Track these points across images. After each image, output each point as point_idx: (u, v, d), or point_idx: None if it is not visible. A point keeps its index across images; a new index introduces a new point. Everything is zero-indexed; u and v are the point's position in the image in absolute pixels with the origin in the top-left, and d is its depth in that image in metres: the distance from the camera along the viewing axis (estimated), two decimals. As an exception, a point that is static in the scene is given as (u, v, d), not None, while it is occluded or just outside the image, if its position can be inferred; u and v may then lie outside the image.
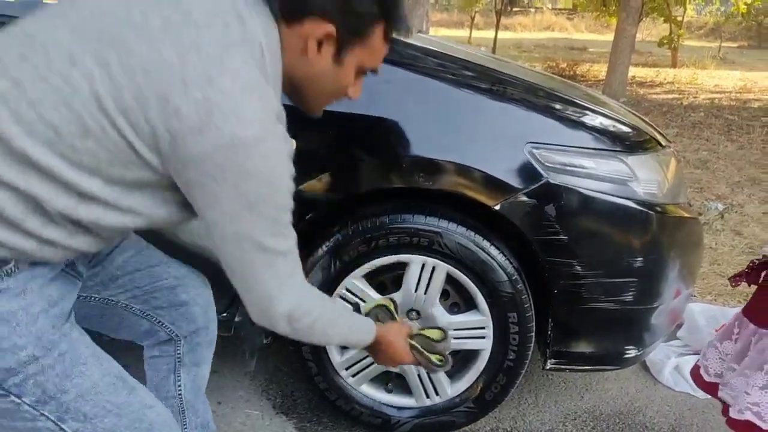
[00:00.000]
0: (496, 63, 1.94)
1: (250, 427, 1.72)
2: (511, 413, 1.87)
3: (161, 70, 0.77)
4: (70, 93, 0.78)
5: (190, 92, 0.77)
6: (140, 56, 0.78)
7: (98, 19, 0.81)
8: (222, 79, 0.78)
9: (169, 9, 0.81)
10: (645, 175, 1.51)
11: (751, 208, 4.03)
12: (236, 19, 0.84)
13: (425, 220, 1.48)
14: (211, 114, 0.77)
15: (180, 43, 0.79)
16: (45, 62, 0.79)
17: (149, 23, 0.80)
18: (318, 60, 0.92)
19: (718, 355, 1.21)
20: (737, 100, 8.69)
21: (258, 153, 0.80)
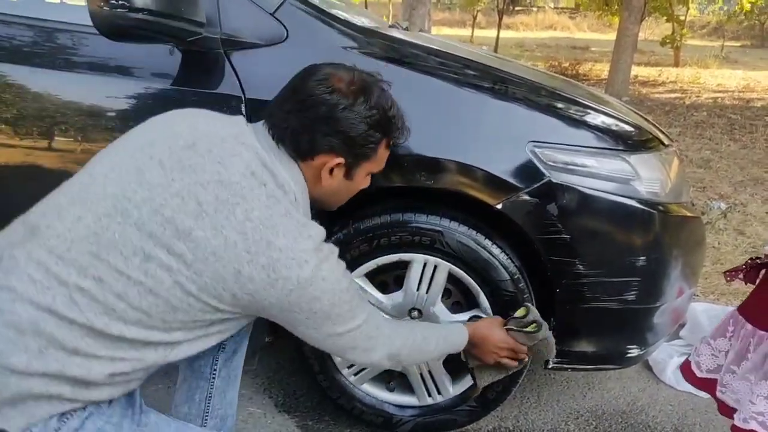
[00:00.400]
0: (498, 62, 1.93)
1: (252, 425, 1.72)
2: (514, 412, 1.87)
3: (229, 251, 0.92)
4: (153, 284, 0.91)
5: (256, 260, 0.92)
6: (207, 243, 0.92)
7: (157, 212, 0.93)
8: (277, 240, 0.93)
9: (214, 185, 0.94)
10: (647, 174, 1.51)
11: (754, 208, 4.02)
12: (269, 175, 0.99)
13: (427, 219, 1.48)
14: (277, 270, 0.93)
15: (235, 220, 0.93)
16: (121, 260, 0.91)
17: (203, 207, 0.93)
18: (331, 182, 1.11)
19: (710, 351, 1.20)
20: (740, 99, 8.66)
21: (320, 279, 0.96)
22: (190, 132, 1.01)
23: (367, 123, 1.06)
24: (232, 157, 0.98)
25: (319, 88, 1.04)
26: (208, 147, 0.98)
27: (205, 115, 1.10)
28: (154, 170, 0.96)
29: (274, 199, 0.97)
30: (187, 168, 0.96)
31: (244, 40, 1.42)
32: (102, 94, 1.47)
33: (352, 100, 1.05)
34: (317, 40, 1.47)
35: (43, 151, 1.48)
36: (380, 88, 1.10)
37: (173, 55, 1.43)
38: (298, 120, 1.04)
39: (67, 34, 1.48)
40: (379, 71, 1.16)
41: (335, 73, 1.07)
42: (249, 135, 1.03)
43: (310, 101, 1.03)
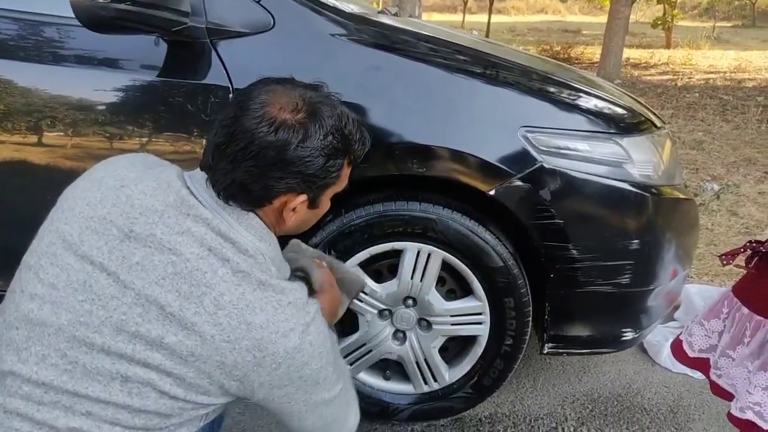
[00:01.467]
0: (489, 47, 1.92)
1: (248, 417, 1.72)
2: (510, 398, 1.88)
3: (207, 347, 0.84)
4: (140, 402, 0.85)
5: (239, 345, 0.84)
6: (181, 346, 0.84)
7: (120, 331, 0.84)
8: (256, 318, 0.85)
9: (170, 279, 0.84)
10: (640, 157, 1.50)
11: (747, 188, 4.03)
12: (229, 245, 0.88)
13: (419, 207, 1.47)
14: (262, 349, 0.85)
15: (206, 313, 0.84)
16: (101, 389, 0.84)
17: (167, 310, 0.84)
18: (295, 218, 0.98)
19: (703, 332, 1.20)
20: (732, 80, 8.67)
21: (308, 343, 0.89)
22: (120, 213, 0.88)
23: (324, 154, 0.92)
24: (179, 236, 0.86)
25: (261, 128, 0.87)
26: (149, 231, 0.86)
27: (127, 175, 0.93)
28: (100, 280, 0.85)
29: (242, 274, 0.86)
30: (135, 267, 0.85)
31: (231, 28, 1.40)
32: (88, 87, 1.45)
33: (302, 133, 0.89)
34: (305, 28, 1.45)
35: (31, 146, 1.46)
36: (330, 105, 0.94)
37: (158, 45, 1.41)
38: (245, 171, 0.88)
39: (51, 27, 1.46)
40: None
41: (273, 100, 0.90)
42: (188, 199, 0.89)
43: (253, 147, 0.87)
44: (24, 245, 0.97)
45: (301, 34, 1.44)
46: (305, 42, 1.44)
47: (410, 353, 1.62)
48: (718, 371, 1.15)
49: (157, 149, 1.44)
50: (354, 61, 1.45)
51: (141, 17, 1.21)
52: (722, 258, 1.17)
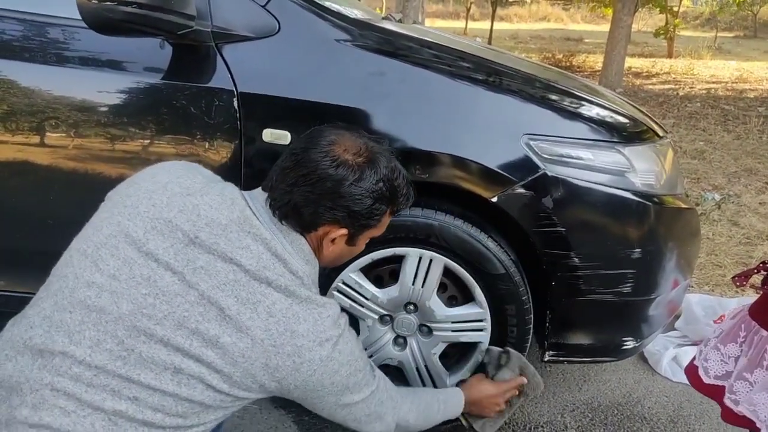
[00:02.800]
0: (492, 54, 1.92)
1: (248, 421, 1.72)
2: (509, 405, 1.87)
3: (256, 349, 0.93)
4: (187, 392, 0.92)
5: (282, 350, 0.95)
6: (234, 347, 0.92)
7: (182, 326, 0.92)
8: (299, 327, 0.96)
9: (231, 286, 0.94)
10: (642, 166, 1.50)
11: (748, 198, 4.03)
12: (281, 265, 0.98)
13: (422, 213, 1.47)
14: (301, 355, 0.96)
15: (259, 319, 0.94)
16: (152, 377, 0.90)
17: (226, 312, 0.93)
18: (333, 250, 1.10)
19: (720, 357, 1.17)
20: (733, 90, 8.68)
21: (338, 352, 1.00)
22: (186, 219, 0.96)
23: (373, 197, 1.04)
24: (240, 250, 0.96)
25: (324, 162, 1.00)
26: (213, 241, 0.95)
27: (192, 185, 1.02)
28: (165, 277, 0.93)
29: (292, 288, 0.97)
30: (200, 270, 0.94)
31: (236, 32, 1.41)
32: (92, 89, 1.45)
33: (358, 174, 1.02)
34: (310, 33, 1.45)
35: (34, 147, 1.46)
36: (387, 157, 1.08)
37: (164, 48, 1.41)
38: (301, 194, 1.01)
39: (57, 28, 1.46)
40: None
41: (340, 141, 1.03)
42: (250, 218, 0.99)
43: (314, 176, 1.00)
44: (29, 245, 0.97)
45: (306, 39, 1.45)
46: (310, 47, 1.45)
47: (411, 359, 1.62)
48: (734, 395, 1.12)
49: (161, 152, 1.44)
50: (358, 67, 1.45)
51: (147, 20, 1.22)
52: (735, 280, 1.15)
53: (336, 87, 1.43)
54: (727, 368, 1.16)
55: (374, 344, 1.60)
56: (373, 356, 1.61)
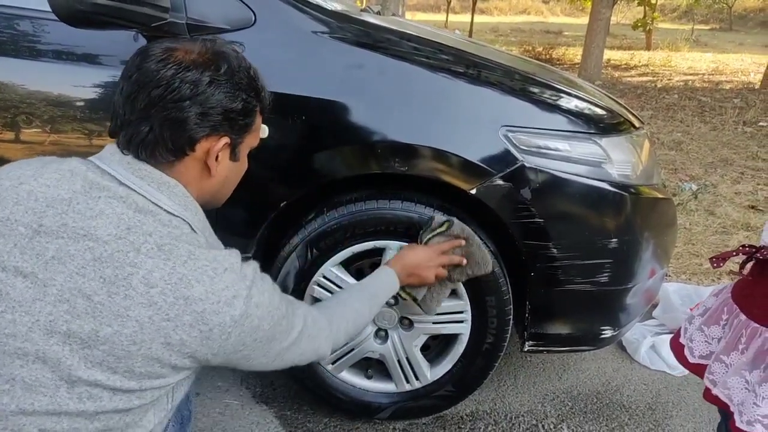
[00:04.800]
0: (472, 47, 1.92)
1: (229, 417, 1.71)
2: (491, 395, 1.89)
3: (146, 331, 0.79)
4: (94, 406, 0.80)
5: (180, 322, 0.80)
6: (120, 336, 0.78)
7: (51, 333, 0.78)
8: (193, 291, 0.80)
9: (92, 266, 0.79)
10: (619, 157, 1.52)
11: (724, 188, 4.10)
12: (150, 218, 0.83)
13: (401, 205, 1.47)
14: (207, 322, 0.81)
15: (137, 294, 0.78)
16: (48, 401, 0.78)
17: (94, 300, 0.78)
18: (221, 170, 0.95)
19: (704, 338, 1.19)
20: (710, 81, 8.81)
21: (254, 306, 0.85)
22: (24, 210, 0.81)
23: (240, 89, 0.91)
24: (92, 220, 0.80)
25: (170, 68, 0.85)
26: (59, 221, 0.80)
27: (23, 173, 0.85)
28: (17, 285, 0.78)
29: (169, 246, 0.81)
30: (52, 261, 0.78)
31: (211, 24, 1.39)
32: (66, 83, 1.42)
33: (213, 68, 0.88)
34: (287, 25, 1.44)
35: (8, 143, 1.44)
36: (232, 49, 0.94)
37: (138, 41, 1.39)
38: (161, 114, 0.85)
39: (27, 21, 1.43)
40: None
41: (176, 47, 0.89)
42: (97, 181, 0.84)
43: (171, 87, 0.85)
44: None
45: (283, 32, 1.44)
46: (287, 39, 1.44)
47: (392, 352, 1.62)
48: (712, 376, 1.14)
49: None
50: (336, 59, 1.45)
51: (120, 12, 1.19)
52: (712, 260, 1.16)
53: (314, 80, 1.42)
54: (710, 348, 1.18)
55: (355, 338, 1.60)
56: (354, 350, 1.61)
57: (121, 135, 0.88)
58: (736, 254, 1.13)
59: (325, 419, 1.73)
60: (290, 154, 1.43)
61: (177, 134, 0.87)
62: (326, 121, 1.42)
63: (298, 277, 1.52)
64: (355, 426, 1.71)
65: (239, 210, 1.47)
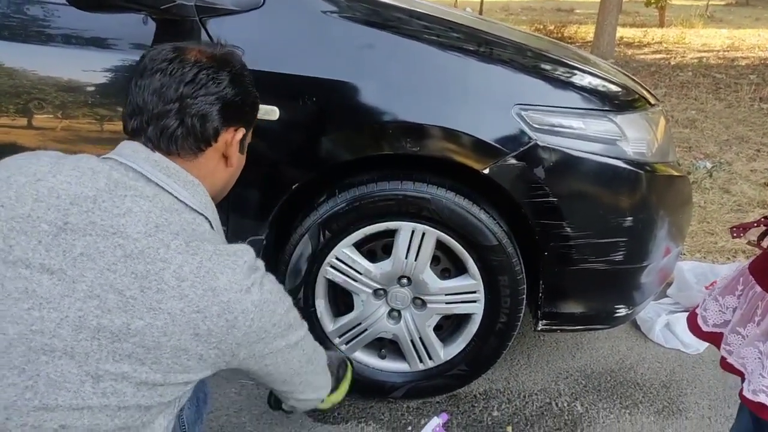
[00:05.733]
0: (483, 24, 1.90)
1: (245, 397, 1.73)
2: (504, 374, 1.89)
3: (178, 322, 0.81)
4: (117, 400, 0.81)
5: (209, 313, 0.83)
6: (151, 329, 0.80)
7: (81, 328, 0.79)
8: (218, 283, 0.83)
9: (122, 263, 0.81)
10: (634, 135, 1.50)
11: (739, 166, 4.04)
12: (176, 217, 0.86)
13: (413, 186, 1.47)
14: (232, 310, 0.84)
15: (169, 288, 0.81)
16: (72, 396, 0.79)
17: (126, 294, 0.80)
18: (232, 162, 1.01)
19: (718, 308, 1.19)
20: (725, 58, 8.64)
21: (267, 292, 0.89)
22: (46, 207, 0.81)
23: (251, 83, 1.02)
24: (121, 218, 0.82)
25: (193, 68, 0.92)
26: (86, 219, 0.81)
27: (39, 169, 0.86)
28: (43, 282, 0.79)
29: (196, 243, 0.84)
30: (80, 258, 0.80)
31: (220, 6, 1.38)
32: (76, 68, 1.43)
33: (231, 66, 0.97)
34: (295, 5, 1.43)
35: (20, 129, 1.44)
36: (236, 50, 1.03)
37: (147, 24, 1.39)
38: (192, 108, 0.91)
39: (37, 5, 1.43)
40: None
41: (188, 48, 0.95)
42: (122, 179, 0.86)
43: (196, 83, 0.91)
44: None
45: (292, 12, 1.42)
46: (296, 19, 1.43)
47: (405, 332, 1.63)
48: (728, 347, 1.15)
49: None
50: (346, 39, 1.43)
51: (129, -5, 1.19)
52: (732, 230, 1.15)
53: (324, 60, 1.41)
54: (725, 317, 1.18)
55: (369, 318, 1.61)
56: (367, 330, 1.62)
57: (149, 129, 0.91)
58: (757, 225, 1.13)
59: (340, 399, 1.75)
60: (300, 136, 1.43)
61: (205, 126, 0.93)
62: (336, 102, 1.41)
63: (311, 259, 1.53)
64: (369, 405, 1.73)
65: (252, 193, 1.47)
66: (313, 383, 1.11)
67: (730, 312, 1.16)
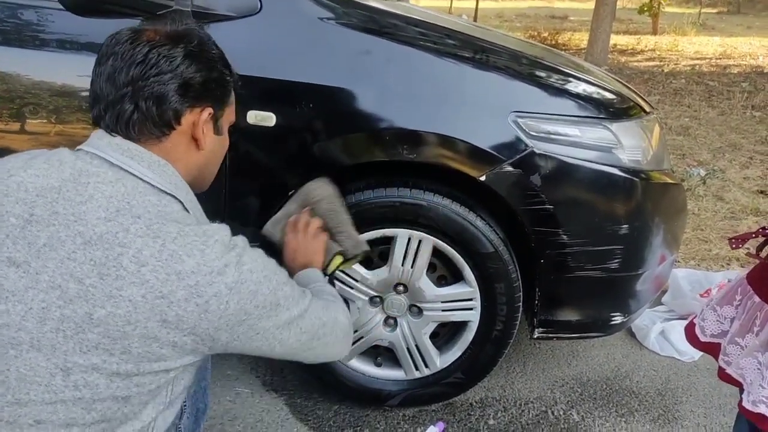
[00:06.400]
0: (478, 31, 1.90)
1: (239, 405, 1.72)
2: (500, 382, 1.89)
3: (141, 309, 0.78)
4: (90, 393, 0.79)
5: (174, 298, 0.79)
6: (114, 318, 0.78)
7: (44, 320, 0.78)
8: (184, 265, 0.80)
9: (82, 250, 0.79)
10: (629, 142, 1.50)
11: (732, 173, 4.07)
12: (137, 201, 0.83)
13: (410, 193, 1.47)
14: (202, 294, 0.80)
15: (128, 273, 0.78)
16: (44, 390, 0.78)
17: (86, 282, 0.78)
18: (207, 141, 0.95)
19: (716, 318, 1.19)
20: (717, 66, 8.71)
21: (247, 272, 0.84)
22: (15, 201, 0.81)
23: (213, 59, 0.93)
24: (82, 205, 0.80)
25: (144, 47, 0.86)
26: (50, 209, 0.80)
27: (13, 165, 0.86)
28: (9, 275, 0.79)
29: (158, 225, 0.81)
30: (43, 249, 0.79)
31: (217, 12, 1.38)
32: (71, 73, 1.42)
33: (186, 42, 0.89)
34: (292, 11, 1.43)
35: (14, 134, 1.43)
36: (198, 26, 0.97)
37: (143, 30, 1.38)
38: (145, 91, 0.86)
39: (32, 10, 1.42)
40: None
41: (145, 28, 0.90)
42: (86, 168, 0.84)
43: (150, 60, 0.86)
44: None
45: (289, 18, 1.42)
46: (293, 26, 1.42)
47: (401, 339, 1.62)
48: (727, 357, 1.14)
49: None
50: (342, 46, 1.43)
51: (125, 0, 1.19)
52: (731, 241, 1.15)
53: (320, 66, 1.41)
54: (722, 327, 1.18)
55: (365, 325, 1.60)
56: (363, 338, 1.61)
57: (107, 117, 0.88)
58: (755, 236, 1.13)
59: (335, 407, 1.74)
60: (297, 143, 1.42)
61: (162, 108, 0.87)
62: (333, 108, 1.41)
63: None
64: (365, 413, 1.72)
65: (248, 199, 1.46)
66: (326, 354, 1.04)
67: (728, 322, 1.16)
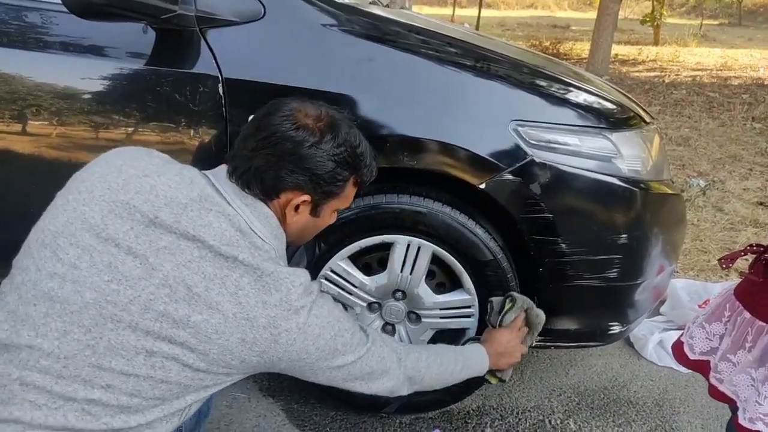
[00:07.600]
0: (480, 40, 1.91)
1: (236, 410, 1.72)
2: (497, 391, 1.89)
3: (229, 324, 0.92)
4: (163, 374, 0.91)
5: (256, 323, 0.93)
6: (206, 325, 0.91)
7: (148, 309, 0.90)
8: (271, 298, 0.94)
9: (196, 263, 0.92)
10: (629, 152, 1.51)
11: (732, 185, 4.07)
12: (244, 240, 0.96)
13: (410, 200, 1.47)
14: (277, 326, 0.95)
15: (228, 293, 0.92)
16: (124, 363, 0.89)
17: (193, 290, 0.91)
18: (297, 219, 1.08)
19: (704, 335, 1.18)
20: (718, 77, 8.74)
21: (314, 317, 0.99)
22: (144, 200, 0.94)
23: (334, 161, 1.04)
24: (203, 228, 0.94)
25: (285, 125, 1.01)
26: (174, 220, 0.93)
27: (148, 166, 0.99)
28: (127, 262, 0.90)
29: (257, 263, 0.95)
30: (163, 251, 0.91)
31: (220, 17, 1.38)
32: (75, 76, 1.42)
33: (319, 137, 1.02)
34: (295, 17, 1.43)
35: (15, 135, 1.43)
36: (348, 125, 1.08)
37: (147, 33, 1.39)
38: (262, 158, 1.00)
39: (36, 12, 1.43)
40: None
41: (301, 108, 1.04)
42: (212, 196, 0.98)
43: (274, 138, 1.00)
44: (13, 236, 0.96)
45: (292, 24, 1.43)
46: (296, 32, 1.43)
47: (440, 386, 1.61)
48: (719, 375, 1.13)
49: (144, 139, 1.42)
50: (345, 52, 1.44)
51: (129, 4, 1.19)
52: (721, 261, 1.15)
53: (323, 73, 1.41)
54: (711, 345, 1.17)
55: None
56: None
57: (230, 164, 1.03)
58: (744, 254, 1.13)
59: (332, 413, 1.73)
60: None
61: (267, 179, 1.01)
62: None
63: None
64: (362, 420, 1.71)
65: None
66: (369, 389, 1.15)
67: (717, 339, 1.15)
